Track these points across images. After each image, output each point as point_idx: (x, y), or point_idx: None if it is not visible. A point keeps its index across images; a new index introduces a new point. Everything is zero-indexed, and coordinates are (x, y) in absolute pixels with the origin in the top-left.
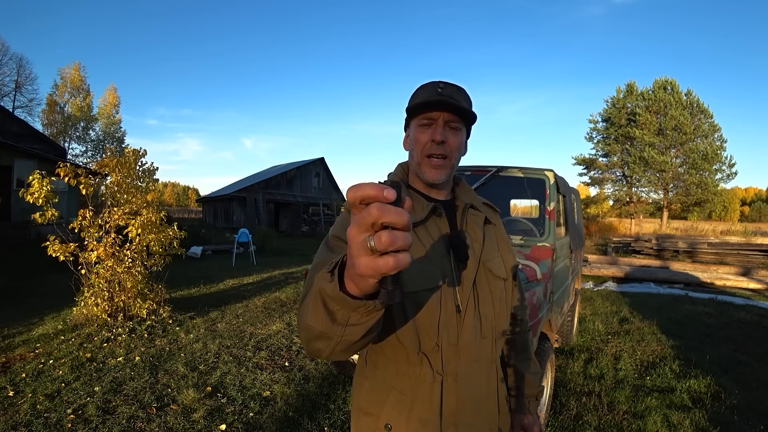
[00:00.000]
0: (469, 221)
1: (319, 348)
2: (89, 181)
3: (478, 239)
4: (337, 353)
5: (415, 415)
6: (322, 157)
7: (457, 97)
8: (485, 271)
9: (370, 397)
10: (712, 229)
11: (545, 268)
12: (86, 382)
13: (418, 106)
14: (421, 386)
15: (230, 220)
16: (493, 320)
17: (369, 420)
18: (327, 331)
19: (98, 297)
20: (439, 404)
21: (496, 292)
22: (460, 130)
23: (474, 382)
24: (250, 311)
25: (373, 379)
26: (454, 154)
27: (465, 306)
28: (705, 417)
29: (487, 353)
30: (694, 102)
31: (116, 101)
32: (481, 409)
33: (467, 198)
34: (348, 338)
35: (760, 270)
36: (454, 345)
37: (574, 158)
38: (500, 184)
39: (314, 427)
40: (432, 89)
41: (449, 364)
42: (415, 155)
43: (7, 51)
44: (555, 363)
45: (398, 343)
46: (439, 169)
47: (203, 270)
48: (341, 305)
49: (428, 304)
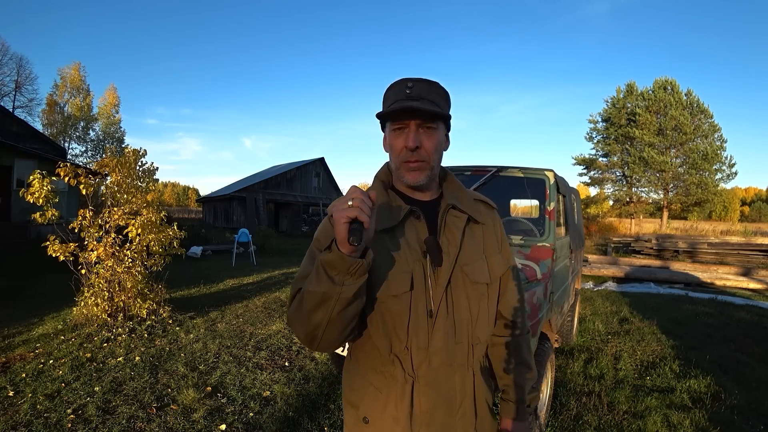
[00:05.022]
0: (448, 223)
1: (317, 321)
2: (89, 181)
3: (455, 242)
4: (331, 330)
5: (388, 412)
6: (322, 157)
7: (429, 95)
8: (462, 275)
9: (353, 390)
10: (712, 229)
11: (545, 268)
12: (86, 382)
13: (388, 114)
14: (394, 385)
15: (230, 220)
16: (469, 325)
17: (352, 411)
18: (329, 290)
19: (98, 297)
20: (409, 404)
21: (473, 297)
22: (436, 129)
23: (446, 385)
24: (250, 311)
25: (355, 373)
26: (432, 155)
27: (436, 310)
28: (705, 417)
29: (462, 358)
30: (694, 102)
31: (116, 101)
32: (455, 412)
33: (451, 198)
34: (344, 295)
35: (760, 270)
36: (425, 349)
37: (574, 158)
38: (500, 184)
39: (314, 427)
40: (401, 90)
41: (420, 367)
42: (392, 160)
43: (7, 51)
44: (555, 363)
45: (371, 342)
46: (417, 172)
47: (203, 270)
48: (339, 266)
49: (397, 309)
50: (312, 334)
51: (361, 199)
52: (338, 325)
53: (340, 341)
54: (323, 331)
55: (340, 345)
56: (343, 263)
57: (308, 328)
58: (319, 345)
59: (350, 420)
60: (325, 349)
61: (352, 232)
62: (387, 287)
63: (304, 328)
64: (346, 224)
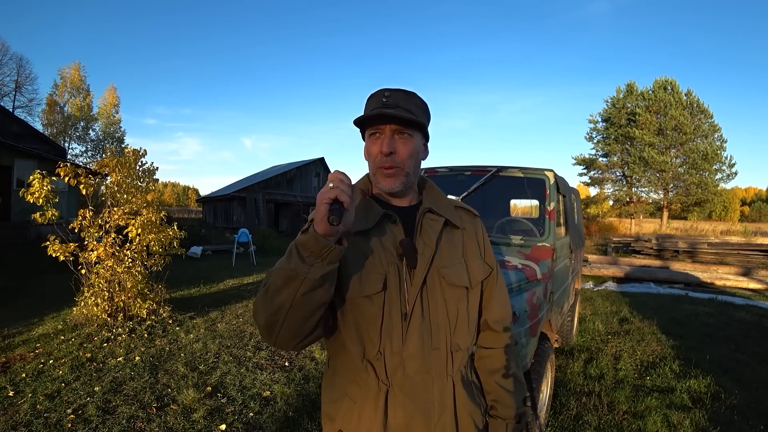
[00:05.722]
0: (424, 226)
1: (280, 302)
2: (89, 181)
3: (430, 244)
4: (293, 316)
5: (363, 425)
6: (322, 157)
7: (405, 104)
8: (438, 277)
9: (330, 402)
10: (712, 229)
11: (545, 268)
12: (86, 382)
13: (363, 120)
14: (368, 395)
15: (230, 220)
16: (447, 330)
17: (328, 424)
18: (297, 268)
19: (98, 297)
20: (383, 415)
21: (451, 301)
22: (412, 137)
23: (424, 395)
24: (250, 311)
25: (332, 385)
26: (407, 162)
27: (410, 312)
28: (705, 417)
29: (440, 366)
30: (694, 102)
31: (116, 101)
32: (432, 425)
33: (429, 202)
34: (311, 275)
35: (760, 270)
36: (398, 354)
37: (574, 158)
38: (500, 184)
39: (314, 427)
40: (378, 99)
41: (394, 374)
42: (370, 167)
43: (7, 51)
44: (555, 363)
45: (345, 348)
46: (392, 178)
47: (203, 270)
48: (312, 246)
49: (369, 311)
50: (273, 319)
51: (340, 180)
52: (300, 312)
53: (299, 338)
54: (284, 316)
55: (298, 344)
56: (317, 244)
57: (270, 310)
58: (278, 335)
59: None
60: (284, 342)
61: (332, 212)
62: (359, 288)
63: (266, 310)
64: (326, 204)
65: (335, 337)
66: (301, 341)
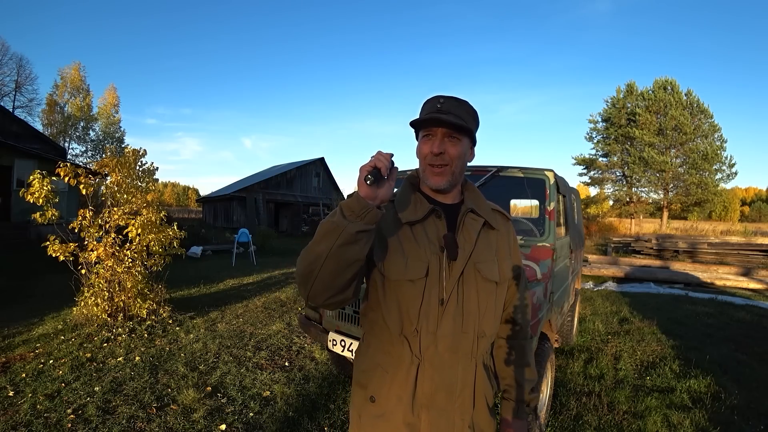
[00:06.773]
0: (466, 224)
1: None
2: (89, 181)
3: (470, 241)
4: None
5: (393, 392)
6: (322, 157)
7: (457, 111)
8: (474, 271)
9: (362, 371)
10: (712, 229)
11: (545, 268)
12: (86, 382)
13: (417, 122)
14: (401, 366)
15: (230, 220)
16: (476, 317)
17: (360, 391)
18: (338, 221)
19: (98, 297)
20: (413, 385)
21: (482, 293)
22: (460, 140)
23: (449, 371)
24: (250, 311)
25: (365, 356)
26: (455, 161)
27: (447, 299)
28: (705, 417)
29: (467, 347)
30: (694, 102)
31: (116, 101)
32: (454, 398)
33: (470, 203)
34: (349, 230)
35: (760, 270)
36: (433, 333)
37: (574, 158)
38: (500, 184)
39: (314, 427)
40: (433, 104)
41: (427, 350)
42: (420, 164)
43: (7, 51)
44: (555, 363)
45: (384, 324)
46: (440, 176)
47: (203, 270)
48: (354, 206)
49: (412, 293)
50: (310, 267)
51: (380, 153)
52: (334, 264)
53: (331, 291)
54: (321, 266)
55: (328, 298)
56: (358, 204)
57: (310, 258)
58: (312, 285)
59: (357, 400)
60: (316, 293)
61: (370, 173)
62: (405, 271)
63: (306, 259)
64: (367, 170)
65: (374, 313)
66: (331, 296)
